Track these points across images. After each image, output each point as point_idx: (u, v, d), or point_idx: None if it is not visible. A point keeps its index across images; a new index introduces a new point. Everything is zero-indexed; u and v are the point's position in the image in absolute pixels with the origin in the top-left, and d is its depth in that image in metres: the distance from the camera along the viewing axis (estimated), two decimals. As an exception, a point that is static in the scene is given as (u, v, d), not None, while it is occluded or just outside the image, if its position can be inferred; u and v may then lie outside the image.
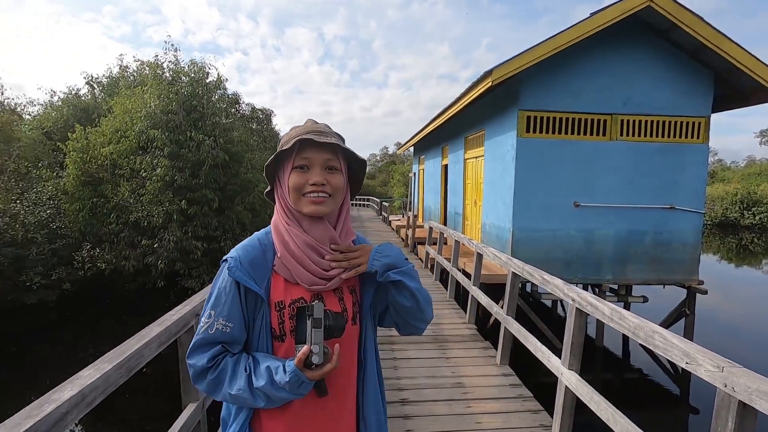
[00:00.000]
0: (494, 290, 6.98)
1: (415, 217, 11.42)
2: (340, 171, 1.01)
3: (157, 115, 10.06)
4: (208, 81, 11.24)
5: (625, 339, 7.64)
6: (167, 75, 11.02)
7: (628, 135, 6.88)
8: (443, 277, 7.38)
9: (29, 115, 15.30)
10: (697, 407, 5.76)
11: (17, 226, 9.49)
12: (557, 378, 2.69)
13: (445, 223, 11.83)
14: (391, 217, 20.03)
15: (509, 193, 7.06)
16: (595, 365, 6.87)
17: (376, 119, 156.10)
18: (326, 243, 1.01)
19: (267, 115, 15.72)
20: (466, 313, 5.21)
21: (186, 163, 10.10)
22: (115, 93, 13.59)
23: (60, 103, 14.86)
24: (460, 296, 6.84)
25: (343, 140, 1.05)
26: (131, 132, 10.29)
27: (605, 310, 2.23)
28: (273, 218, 1.06)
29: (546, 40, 6.28)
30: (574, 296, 2.57)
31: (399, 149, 18.80)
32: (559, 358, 2.74)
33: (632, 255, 7.00)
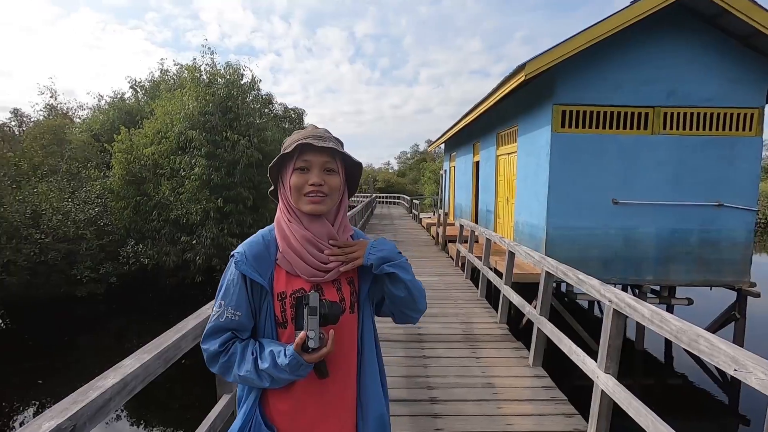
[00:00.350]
0: (527, 289, 6.83)
1: (446, 214, 11.31)
2: (337, 173, 1.09)
3: (194, 117, 10.45)
4: (242, 82, 11.54)
5: (668, 342, 7.29)
6: (204, 77, 11.41)
7: (671, 128, 6.54)
8: (474, 275, 7.29)
9: (79, 118, 16.28)
10: (748, 417, 5.41)
11: (69, 222, 10.11)
12: (593, 381, 2.59)
13: (476, 221, 11.66)
14: (421, 215, 19.94)
15: (543, 190, 6.87)
16: (634, 369, 6.59)
17: (406, 116, 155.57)
18: (325, 238, 1.09)
19: (299, 115, 16.01)
20: (497, 312, 5.11)
21: (222, 163, 10.44)
22: (156, 96, 14.23)
23: (107, 107, 15.72)
24: (492, 295, 6.73)
25: (341, 144, 1.12)
26: (171, 133, 10.74)
27: (645, 311, 2.12)
28: (276, 216, 1.14)
29: (583, 31, 6.05)
30: (611, 297, 2.47)
31: (430, 147, 18.69)
32: (595, 360, 2.64)
33: (676, 255, 6.66)
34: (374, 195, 30.48)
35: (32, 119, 15.70)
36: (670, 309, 6.90)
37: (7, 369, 7.09)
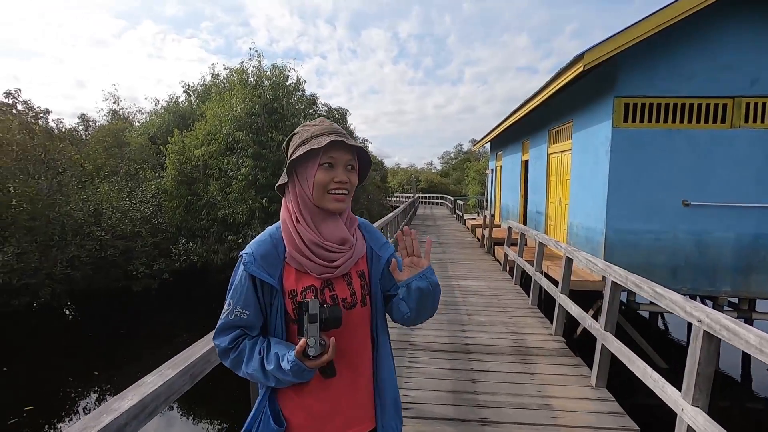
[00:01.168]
0: (583, 297, 6.33)
1: (492, 216, 10.85)
2: (356, 170, 1.11)
3: (242, 118, 10.67)
4: (287, 83, 11.67)
5: (746, 360, 6.51)
6: (251, 80, 11.65)
7: (756, 121, 5.80)
8: (524, 281, 6.86)
9: (138, 122, 17.24)
10: None
11: (126, 221, 10.66)
12: (676, 414, 2.22)
13: (524, 223, 11.10)
14: (465, 216, 19.41)
15: (602, 190, 6.34)
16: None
17: (450, 116, 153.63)
18: (335, 240, 1.08)
19: (342, 115, 16.05)
20: (552, 323, 4.71)
21: (267, 163, 10.59)
22: (207, 99, 14.75)
23: (162, 111, 16.54)
24: (543, 302, 6.30)
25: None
26: (220, 134, 11.04)
27: (750, 338, 1.75)
28: (282, 213, 1.12)
29: (649, 17, 5.51)
30: (701, 316, 2.09)
31: (475, 145, 18.13)
32: (678, 389, 2.26)
33: (760, 263, 5.91)
34: (417, 195, 30.15)
35: (97, 123, 16.84)
36: (749, 324, 6.14)
37: (68, 359, 7.51)
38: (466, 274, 7.65)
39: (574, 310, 4.01)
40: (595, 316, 6.18)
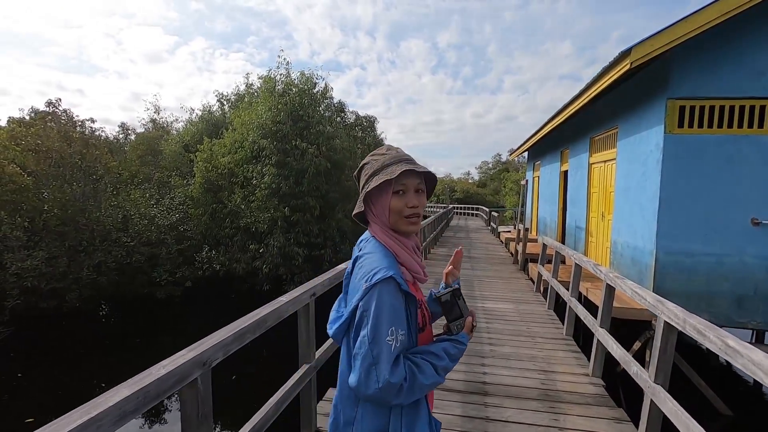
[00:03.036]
0: (629, 327, 5.51)
1: (527, 230, 10.04)
2: (425, 191, 1.20)
3: (267, 126, 10.52)
4: (314, 91, 11.46)
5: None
6: (279, 87, 11.54)
7: None
8: (558, 304, 6.11)
9: (176, 131, 17.70)
10: None
11: (153, 227, 10.72)
12: None
13: (563, 239, 10.22)
14: (500, 228, 18.49)
15: (652, 205, 5.54)
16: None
17: (488, 125, 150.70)
18: (418, 248, 1.23)
19: (371, 123, 15.71)
20: (589, 360, 4.00)
21: (291, 171, 10.35)
22: (239, 108, 14.85)
23: (197, 120, 16.88)
24: (580, 332, 5.54)
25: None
26: (246, 142, 10.94)
27: None
28: (378, 233, 1.17)
29: (710, 4, 4.75)
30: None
31: (511, 155, 17.32)
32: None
33: None
34: (451, 206, 29.34)
35: (136, 131, 17.44)
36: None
37: (87, 365, 7.46)
38: (494, 295, 6.96)
39: (616, 350, 3.32)
40: (642, 355, 5.36)
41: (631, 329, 5.56)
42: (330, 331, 1.18)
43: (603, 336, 3.65)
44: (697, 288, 5.32)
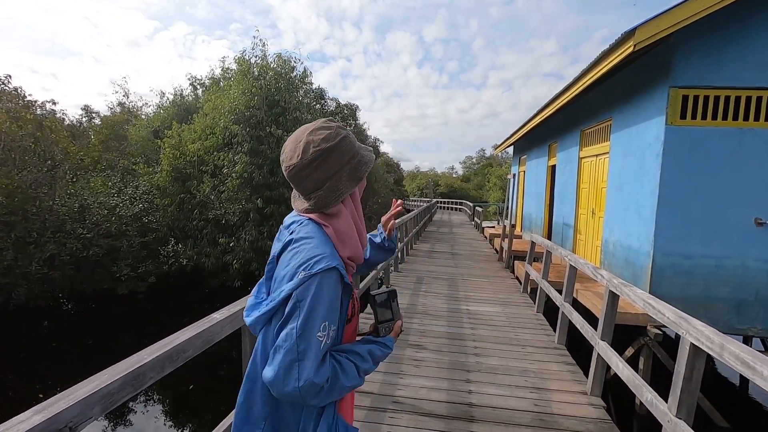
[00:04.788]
0: (622, 332, 5.12)
1: (513, 226, 9.65)
2: None
3: (240, 111, 9.80)
4: (293, 75, 10.75)
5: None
6: (254, 70, 10.78)
7: None
8: (548, 306, 5.68)
9: (145, 115, 16.66)
10: None
11: (113, 218, 9.90)
12: None
13: (549, 236, 9.86)
14: (484, 224, 18.15)
15: (649, 202, 5.15)
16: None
17: (473, 121, 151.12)
18: None
19: (352, 111, 15.02)
20: (587, 376, 3.57)
21: (265, 160, 9.68)
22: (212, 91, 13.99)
23: (168, 105, 15.90)
24: (574, 338, 5.12)
25: None
26: (217, 128, 10.20)
27: None
28: (341, 219, 1.07)
29: (721, -16, 4.32)
30: None
31: (496, 149, 16.93)
32: None
33: None
34: (434, 200, 28.92)
35: (100, 115, 16.33)
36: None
37: (24, 370, 6.72)
38: (479, 296, 6.51)
39: (623, 370, 2.86)
40: (635, 362, 4.97)
41: (623, 333, 5.17)
42: (247, 319, 1.04)
43: (605, 351, 3.19)
44: (695, 292, 4.96)
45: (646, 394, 2.52)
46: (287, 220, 1.13)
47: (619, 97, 6.23)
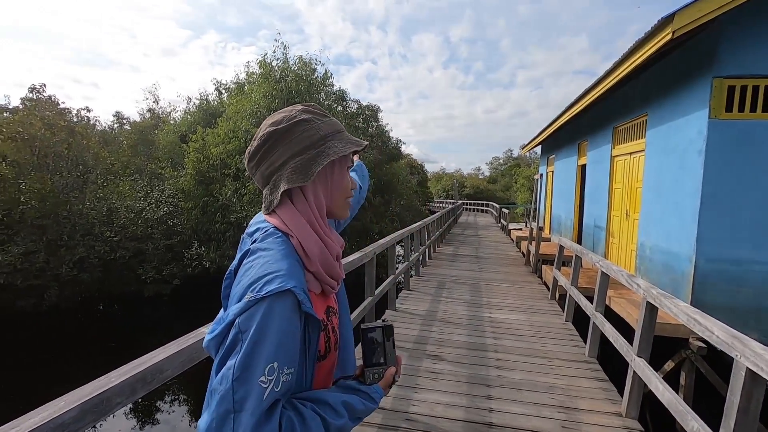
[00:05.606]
0: (659, 344, 4.71)
1: (540, 228, 9.23)
2: None
3: (261, 114, 9.81)
4: (314, 77, 10.69)
5: None
6: (276, 73, 10.79)
7: None
8: (578, 314, 5.31)
9: (174, 121, 17.05)
10: None
11: (139, 221, 10.10)
12: None
13: (579, 239, 9.39)
14: (510, 225, 17.63)
15: (691, 202, 4.73)
16: None
17: (500, 121, 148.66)
18: (339, 250, 0.92)
19: (374, 112, 14.86)
20: (621, 395, 3.24)
21: (286, 163, 9.64)
22: (234, 95, 14.14)
23: (195, 109, 16.22)
24: (605, 349, 4.75)
25: None
26: (239, 131, 10.26)
27: None
28: (294, 223, 0.84)
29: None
30: None
31: (524, 149, 16.42)
32: None
33: None
34: (459, 202, 28.42)
35: (130, 121, 16.82)
36: None
37: (44, 371, 6.86)
38: (503, 302, 6.19)
39: (663, 392, 2.54)
40: (675, 378, 4.55)
41: (661, 344, 4.75)
42: (204, 341, 0.81)
43: (642, 369, 2.86)
44: (744, 302, 4.51)
45: (691, 423, 2.21)
46: (252, 224, 0.91)
47: (656, 91, 5.80)
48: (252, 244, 0.84)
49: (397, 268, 5.73)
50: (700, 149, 4.62)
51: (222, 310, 0.86)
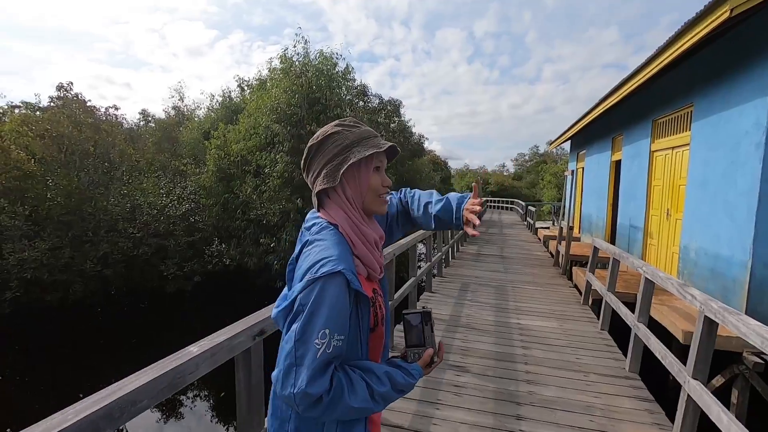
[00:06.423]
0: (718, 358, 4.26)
1: (570, 228, 8.75)
2: None
3: (281, 109, 9.67)
4: (335, 71, 10.48)
5: None
6: (296, 68, 10.64)
7: None
8: (614, 323, 4.90)
9: (198, 118, 17.20)
10: None
11: (162, 218, 10.14)
12: None
13: (612, 239, 8.86)
14: (537, 224, 17.02)
15: (746, 201, 4.26)
16: None
17: (526, 117, 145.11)
18: (378, 239, 1.08)
19: (395, 107, 14.54)
20: (672, 421, 2.87)
21: (305, 159, 9.48)
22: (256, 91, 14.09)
23: (218, 106, 16.30)
24: (649, 362, 4.35)
25: None
26: (260, 127, 10.16)
27: None
28: (338, 217, 1.03)
29: None
30: None
31: (551, 145, 15.79)
32: None
33: None
34: (484, 199, 27.77)
35: (155, 118, 17.06)
36: None
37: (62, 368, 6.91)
38: (532, 307, 5.81)
39: (726, 422, 2.18)
40: (727, 395, 4.11)
41: (714, 363, 4.30)
42: (272, 313, 1.03)
43: (699, 395, 2.49)
44: (808, 313, 4.02)
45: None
46: (308, 220, 1.08)
47: (703, 79, 5.30)
48: (310, 236, 1.00)
49: (419, 267, 5.44)
50: (758, 142, 4.14)
51: (285, 288, 1.05)
